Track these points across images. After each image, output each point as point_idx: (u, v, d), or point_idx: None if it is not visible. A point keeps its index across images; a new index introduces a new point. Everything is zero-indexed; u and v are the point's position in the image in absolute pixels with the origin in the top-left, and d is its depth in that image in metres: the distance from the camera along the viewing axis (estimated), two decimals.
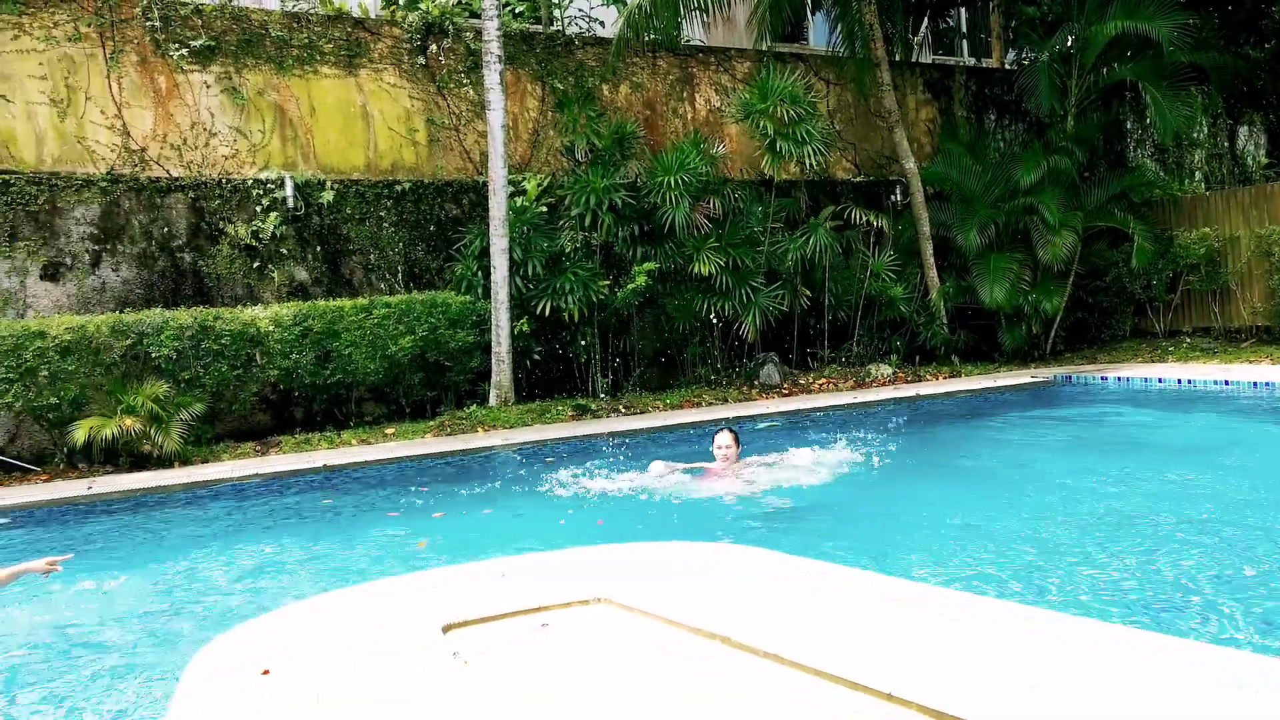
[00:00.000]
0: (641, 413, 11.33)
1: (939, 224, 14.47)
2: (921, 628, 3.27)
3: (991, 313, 14.24)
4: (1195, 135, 17.44)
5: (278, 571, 5.98)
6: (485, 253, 11.55)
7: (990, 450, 8.90)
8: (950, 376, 13.42)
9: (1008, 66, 17.26)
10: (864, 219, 14.04)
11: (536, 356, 12.02)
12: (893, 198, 15.14)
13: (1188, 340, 14.50)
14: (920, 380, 13.16)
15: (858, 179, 15.36)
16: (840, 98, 15.41)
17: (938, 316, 14.27)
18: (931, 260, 14.34)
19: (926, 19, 16.61)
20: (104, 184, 10.59)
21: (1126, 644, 3.07)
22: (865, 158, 15.59)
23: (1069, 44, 14.59)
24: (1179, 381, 11.42)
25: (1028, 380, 12.55)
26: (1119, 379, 12.07)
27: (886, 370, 13.41)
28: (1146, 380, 11.80)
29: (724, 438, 7.85)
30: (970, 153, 14.85)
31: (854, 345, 14.16)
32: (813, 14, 16.10)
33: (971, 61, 17.37)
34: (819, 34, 16.20)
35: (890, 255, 14.27)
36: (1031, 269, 14.10)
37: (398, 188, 12.03)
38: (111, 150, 10.78)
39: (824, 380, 13.11)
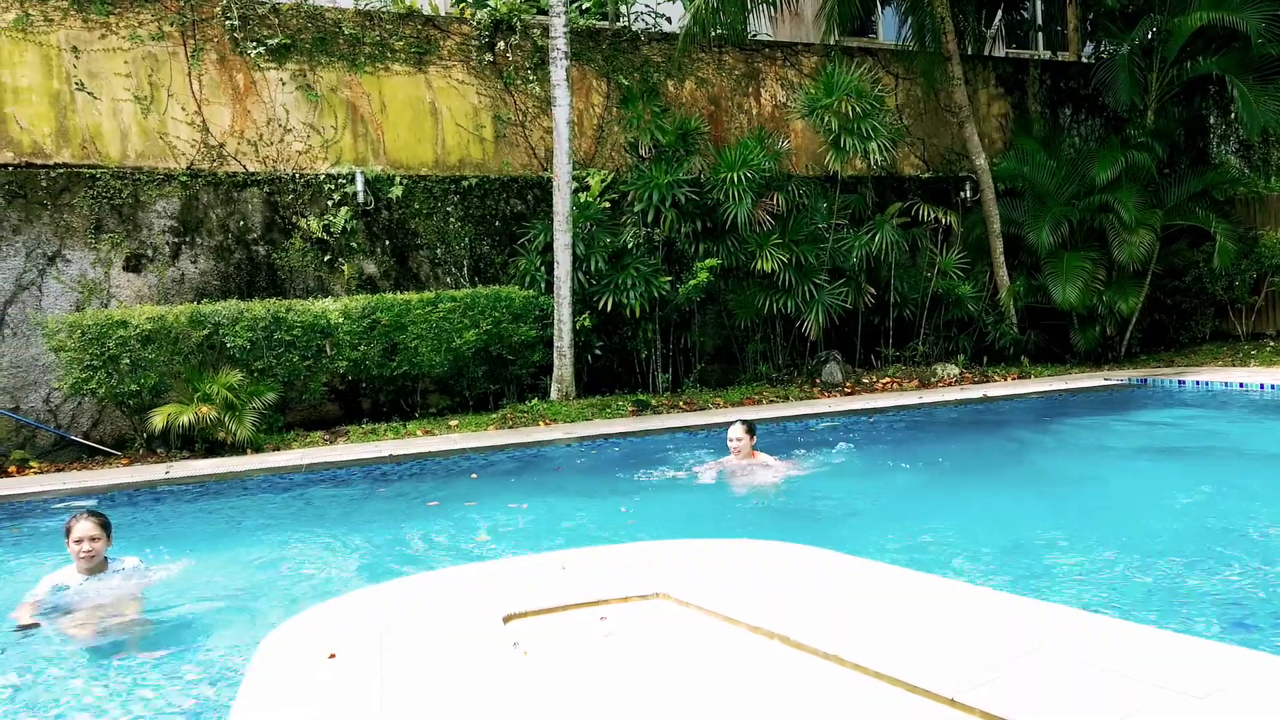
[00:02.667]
0: (702, 409, 11.30)
1: (1010, 221, 14.16)
2: (986, 634, 3.21)
3: (1063, 313, 13.90)
4: None
5: (344, 557, 6.12)
6: (549, 248, 11.64)
7: (1060, 455, 8.68)
8: (1019, 378, 13.12)
9: (1084, 60, 16.78)
10: (932, 216, 13.80)
11: (598, 351, 12.09)
12: (962, 194, 14.85)
13: (1271, 344, 13.94)
14: (988, 381, 12.89)
15: (926, 175, 15.09)
16: (909, 92, 15.15)
17: (1007, 316, 13.97)
18: (1001, 258, 14.04)
19: (1000, 11, 16.23)
20: (184, 179, 10.94)
21: (1219, 659, 2.97)
22: (934, 153, 15.32)
23: (1150, 36, 14.13)
24: (1262, 386, 10.98)
25: (1100, 383, 12.20)
26: (1198, 383, 11.66)
27: (953, 370, 13.16)
28: (1227, 385, 11.37)
29: (735, 430, 7.64)
30: (1044, 148, 14.49)
31: (919, 344, 13.94)
32: (882, 8, 15.86)
33: (1046, 55, 16.91)
34: (888, 28, 15.94)
35: (958, 253, 14.02)
36: (1106, 268, 13.72)
37: (464, 183, 12.20)
38: (191, 146, 11.14)
39: (888, 379, 12.93)
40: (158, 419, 9.32)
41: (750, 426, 7.73)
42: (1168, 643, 3.13)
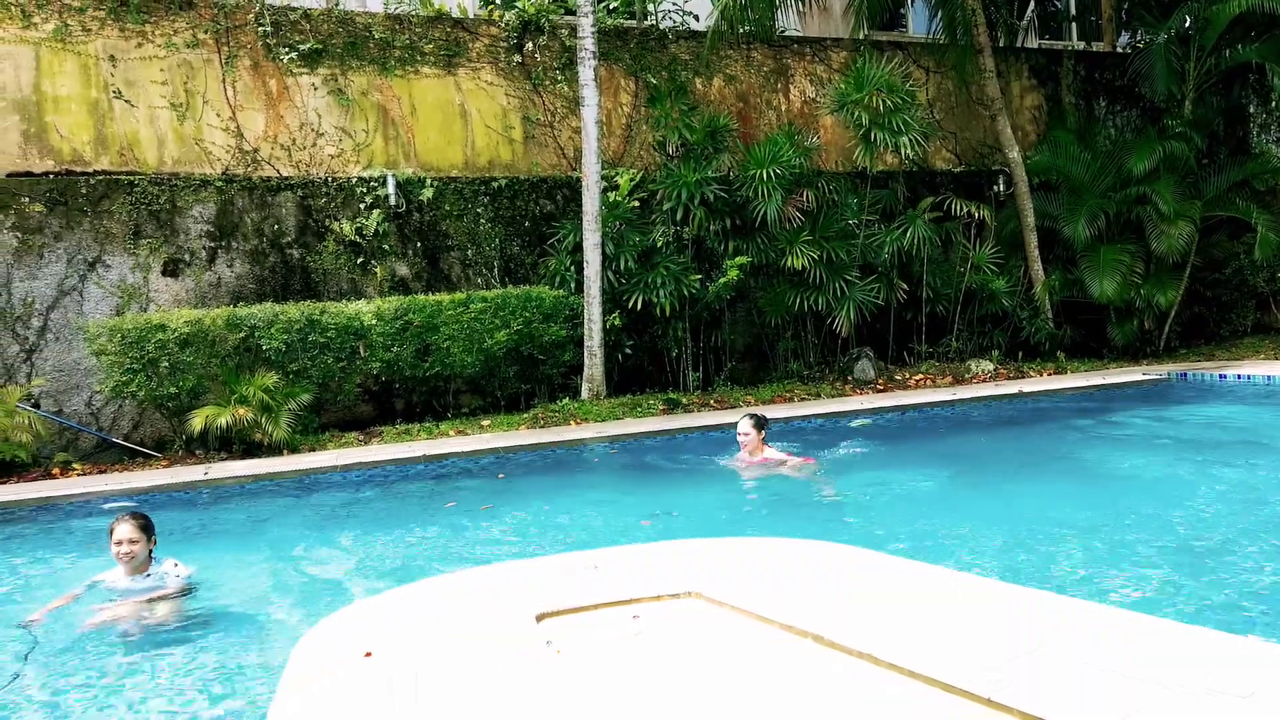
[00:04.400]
0: (732, 407, 11.27)
1: (1044, 215, 13.98)
2: (1022, 632, 3.17)
3: (1100, 307, 13.71)
4: None
5: (380, 556, 6.18)
6: (578, 248, 11.68)
7: (1099, 451, 8.55)
8: (1055, 373, 12.95)
9: (1120, 50, 16.51)
10: (964, 210, 13.66)
11: (628, 350, 12.10)
12: (995, 188, 14.68)
13: None
14: (1023, 376, 12.74)
15: (958, 169, 14.94)
16: (940, 86, 15.01)
17: (1042, 310, 13.81)
18: (1036, 252, 13.88)
19: (1032, 2, 16.03)
20: (219, 184, 11.11)
21: (1258, 658, 2.91)
22: (966, 147, 15.16)
23: (1187, 24, 13.87)
24: None
25: (1139, 377, 12.01)
26: (1239, 377, 11.43)
27: (987, 366, 13.03)
28: (1270, 379, 11.13)
29: (743, 424, 7.66)
30: (1079, 140, 14.29)
31: (953, 340, 13.80)
32: (912, 1, 15.72)
33: (1080, 45, 16.66)
34: (918, 21, 15.80)
35: (992, 247, 13.86)
36: (1144, 261, 13.50)
37: (494, 184, 12.26)
38: (226, 151, 11.30)
39: (920, 376, 12.82)
40: (196, 421, 9.47)
41: (759, 421, 7.74)
42: (1214, 643, 3.07)
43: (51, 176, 10.52)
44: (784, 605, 3.52)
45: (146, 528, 5.36)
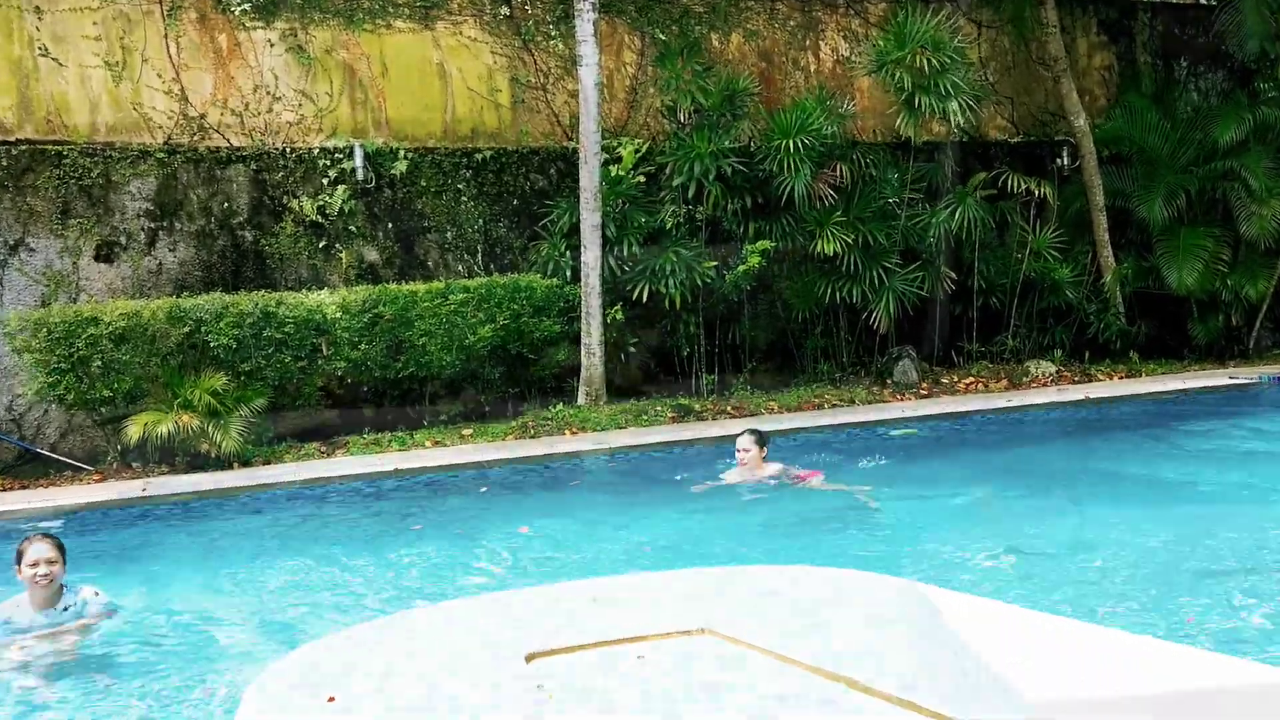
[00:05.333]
0: (752, 415, 11.28)
1: (1115, 193, 13.96)
2: (1086, 673, 3.17)
3: (1179, 300, 13.69)
4: None
5: (344, 586, 6.19)
6: (575, 230, 11.67)
7: (1178, 468, 8.54)
8: (1127, 376, 12.94)
9: (1204, 2, 16.46)
10: (1022, 187, 13.61)
11: (632, 349, 12.10)
12: (1058, 161, 14.65)
13: None
14: (1090, 380, 12.73)
15: (1015, 139, 14.91)
16: (995, 43, 14.98)
17: (1112, 304, 13.78)
18: (1105, 236, 13.86)
19: None
20: (161, 155, 11.13)
21: None
22: (1025, 114, 15.12)
23: None
24: None
25: (1225, 382, 11.99)
26: None
27: (1048, 368, 13.02)
28: None
29: (744, 439, 8.06)
30: (1155, 106, 14.27)
31: (1008, 338, 13.79)
32: None
33: None
34: None
35: (1054, 230, 13.83)
36: (1231, 246, 13.49)
37: (478, 156, 12.27)
38: (169, 118, 11.32)
39: (971, 379, 12.81)
40: (133, 429, 9.49)
41: (761, 437, 8.10)
42: None
43: None
44: (810, 644, 3.51)
45: (61, 548, 5.35)
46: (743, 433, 8.18)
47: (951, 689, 3.10)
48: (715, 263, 12.02)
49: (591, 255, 11.31)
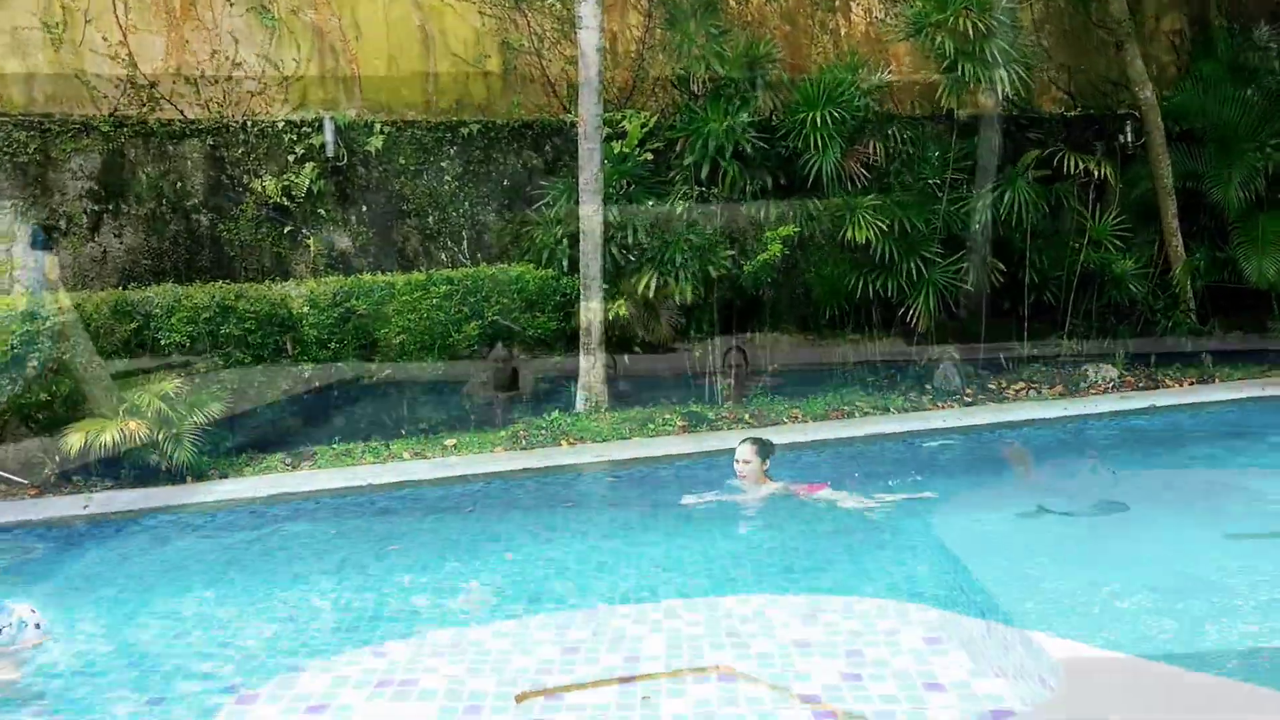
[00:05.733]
0: (773, 424, 11.25)
1: (1186, 174, 13.93)
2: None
3: (1259, 295, 13.65)
4: None
5: (311, 614, 6.18)
6: (573, 214, 11.67)
7: (1259, 487, 8.50)
8: (1199, 382, 12.89)
9: None
10: (1080, 167, 13.57)
11: (637, 349, 12.09)
12: (1121, 138, 14.61)
13: None
14: (1156, 387, 12.68)
15: (1072, 113, 14.89)
16: (1050, 4, 14.96)
17: (1182, 299, 13.75)
18: (1175, 223, 13.82)
19: None
20: (106, 129, 11.15)
21: None
22: (1083, 84, 15.10)
23: None
24: None
25: None
26: None
27: (1109, 372, 12.99)
28: None
29: (744, 450, 8.15)
30: (1232, 76, 14.22)
31: (1064, 338, 13.75)
32: None
33: None
34: None
35: (1116, 216, 13.79)
36: None
37: (463, 131, 12.27)
38: (115, 86, 11.35)
39: (1021, 385, 12.77)
40: (74, 438, 9.48)
41: (763, 448, 8.17)
42: None
43: None
44: (834, 682, 3.51)
45: None
46: (742, 442, 8.21)
47: None
48: (732, 251, 12.02)
49: (591, 243, 11.30)
